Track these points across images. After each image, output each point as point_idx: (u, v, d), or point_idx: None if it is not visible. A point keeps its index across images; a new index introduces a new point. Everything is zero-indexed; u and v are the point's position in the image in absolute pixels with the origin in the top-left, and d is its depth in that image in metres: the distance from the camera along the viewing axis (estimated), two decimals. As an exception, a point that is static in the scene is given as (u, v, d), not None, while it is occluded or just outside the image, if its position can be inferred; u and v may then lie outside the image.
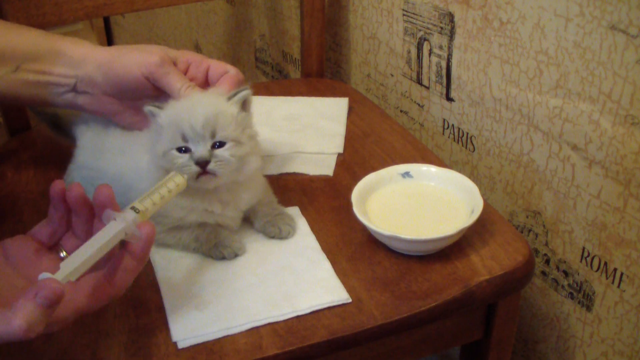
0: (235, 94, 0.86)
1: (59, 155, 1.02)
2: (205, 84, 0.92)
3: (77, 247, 0.67)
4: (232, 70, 0.92)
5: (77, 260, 0.64)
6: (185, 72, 0.92)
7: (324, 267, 0.85)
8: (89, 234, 0.71)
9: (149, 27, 2.39)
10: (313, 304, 0.79)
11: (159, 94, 0.91)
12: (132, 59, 0.91)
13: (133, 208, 0.71)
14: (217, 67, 0.93)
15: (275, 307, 0.79)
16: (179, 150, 0.82)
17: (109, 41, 2.68)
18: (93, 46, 0.95)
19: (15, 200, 1.02)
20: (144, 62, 0.90)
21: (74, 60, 0.93)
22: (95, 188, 0.70)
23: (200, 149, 0.81)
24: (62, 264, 0.64)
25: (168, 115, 0.84)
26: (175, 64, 0.92)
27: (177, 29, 2.19)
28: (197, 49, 2.08)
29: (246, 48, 1.86)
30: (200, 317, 0.78)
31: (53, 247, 0.74)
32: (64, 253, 0.73)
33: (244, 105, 0.87)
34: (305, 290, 0.81)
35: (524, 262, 0.85)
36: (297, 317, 0.79)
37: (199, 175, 0.81)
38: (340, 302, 0.80)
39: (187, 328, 0.77)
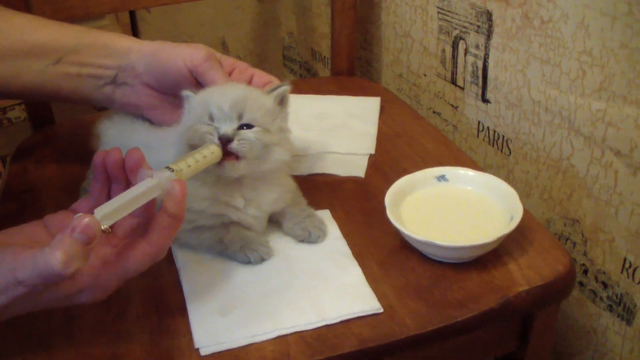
0: (274, 89, 0.86)
1: (82, 150, 1.00)
2: None
3: None
4: (276, 82, 0.91)
5: (112, 205, 0.63)
6: (229, 76, 0.92)
7: (355, 274, 0.81)
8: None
9: (175, 23, 2.36)
10: (342, 313, 0.76)
11: (200, 89, 0.88)
12: (178, 51, 0.91)
13: (167, 167, 0.70)
14: (262, 76, 0.93)
15: (303, 314, 0.76)
16: None
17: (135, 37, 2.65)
18: (139, 39, 0.96)
19: (37, 195, 1.00)
20: (189, 55, 0.89)
21: (118, 51, 0.94)
22: (126, 153, 0.69)
23: (225, 127, 0.80)
24: (96, 210, 0.62)
25: (200, 97, 0.84)
26: (220, 64, 0.91)
27: (204, 25, 2.17)
28: (224, 46, 2.06)
29: (274, 46, 1.83)
30: (224, 323, 0.75)
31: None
32: (104, 226, 0.70)
33: (281, 102, 0.86)
34: (335, 297, 0.78)
35: (565, 273, 0.82)
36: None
37: (221, 161, 0.79)
38: (371, 312, 0.76)
39: (210, 334, 0.74)
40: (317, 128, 1.13)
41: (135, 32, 2.68)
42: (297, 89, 1.26)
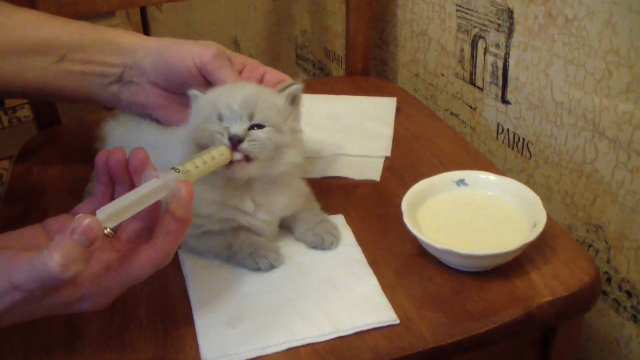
0: (285, 88, 0.83)
1: (87, 151, 0.96)
2: None
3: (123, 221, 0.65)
4: (288, 80, 0.88)
5: (114, 206, 0.60)
6: (239, 74, 0.89)
7: (370, 283, 0.78)
8: None
9: (187, 22, 2.34)
10: (357, 324, 0.72)
11: (208, 89, 0.86)
12: (187, 49, 0.88)
13: (174, 168, 0.67)
14: (274, 75, 0.90)
15: (316, 326, 0.72)
16: None
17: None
18: (145, 36, 0.93)
19: (40, 197, 0.97)
20: (198, 53, 0.86)
21: (124, 48, 0.91)
22: (130, 153, 0.66)
23: (235, 127, 0.76)
24: (98, 211, 0.60)
25: (208, 96, 0.81)
26: (230, 62, 0.88)
27: (216, 24, 2.14)
28: (236, 44, 2.03)
29: (287, 44, 1.80)
30: (233, 335, 0.71)
31: None
32: (108, 230, 0.67)
33: (294, 101, 0.83)
34: (349, 308, 0.74)
35: (590, 283, 0.78)
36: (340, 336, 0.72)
37: (231, 162, 0.76)
38: (387, 323, 0.73)
39: (218, 346, 0.70)
40: (331, 129, 1.10)
41: (146, 31, 2.66)
42: (311, 89, 1.23)
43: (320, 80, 1.44)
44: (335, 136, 1.07)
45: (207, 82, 0.87)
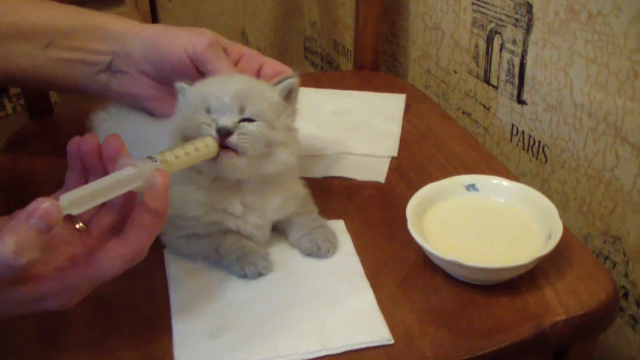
0: (280, 82, 0.77)
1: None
2: None
3: (95, 214, 0.63)
4: (288, 72, 0.83)
5: (80, 192, 0.56)
6: (235, 65, 0.84)
7: (366, 297, 0.72)
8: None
9: (195, 12, 2.29)
10: (347, 342, 0.66)
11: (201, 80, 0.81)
12: (179, 37, 0.83)
13: (150, 157, 0.63)
14: (272, 65, 0.85)
15: (303, 341, 0.66)
16: None
17: (154, 26, 2.60)
18: (137, 22, 0.88)
19: (25, 191, 0.91)
20: (191, 41, 0.81)
21: (114, 34, 0.86)
22: (104, 139, 0.62)
23: (225, 119, 0.71)
24: (62, 195, 0.55)
25: (196, 89, 0.76)
26: (226, 52, 0.83)
27: (224, 14, 2.09)
28: (244, 36, 1.97)
29: (295, 37, 1.74)
30: (211, 346, 0.66)
31: (70, 218, 0.65)
32: (81, 224, 0.64)
33: (289, 96, 0.78)
34: (340, 323, 0.68)
35: (608, 302, 0.72)
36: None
37: (218, 155, 0.71)
38: (379, 343, 0.67)
39: (195, 358, 0.65)
40: (336, 126, 1.04)
41: (154, 20, 2.61)
42: (317, 83, 1.18)
43: (328, 74, 1.39)
44: (340, 134, 1.02)
45: (200, 73, 0.82)
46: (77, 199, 0.55)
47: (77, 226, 0.64)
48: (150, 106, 0.88)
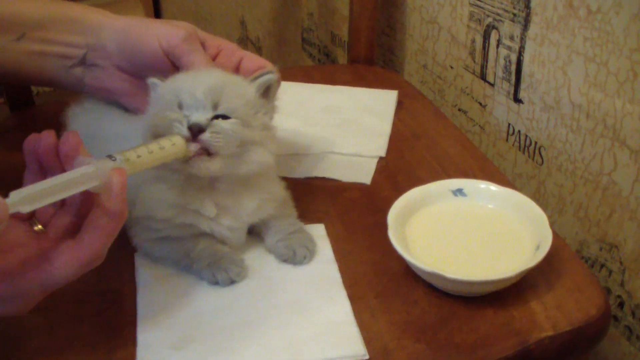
0: (257, 77, 0.74)
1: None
2: None
3: (53, 216, 0.61)
4: (269, 67, 0.79)
5: (31, 189, 0.54)
6: (214, 59, 0.81)
7: (341, 309, 0.68)
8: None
9: (196, 0, 2.25)
10: (319, 357, 0.63)
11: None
12: (154, 29, 0.80)
13: (110, 156, 0.60)
14: (252, 60, 0.81)
15: (273, 355, 0.63)
16: None
17: (157, 14, 2.56)
18: (113, 14, 0.85)
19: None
20: (166, 34, 0.78)
21: (88, 27, 0.83)
22: (61, 137, 0.59)
23: (197, 115, 0.68)
24: (12, 193, 0.53)
25: (168, 84, 0.72)
26: (203, 46, 0.80)
27: (224, 2, 2.05)
28: (243, 25, 1.94)
29: (293, 27, 1.70)
30: (175, 359, 0.63)
31: (28, 219, 0.62)
32: (39, 227, 0.61)
33: (267, 93, 0.74)
34: (313, 337, 0.65)
35: (598, 317, 0.68)
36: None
37: (190, 157, 0.67)
38: (353, 359, 0.63)
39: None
40: (324, 123, 1.00)
41: (157, 9, 2.59)
42: (309, 78, 1.14)
43: (320, 68, 1.35)
44: (327, 131, 0.98)
45: (176, 68, 0.78)
46: (27, 196, 0.53)
47: (35, 228, 0.61)
48: (126, 101, 0.84)
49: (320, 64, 1.60)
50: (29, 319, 0.59)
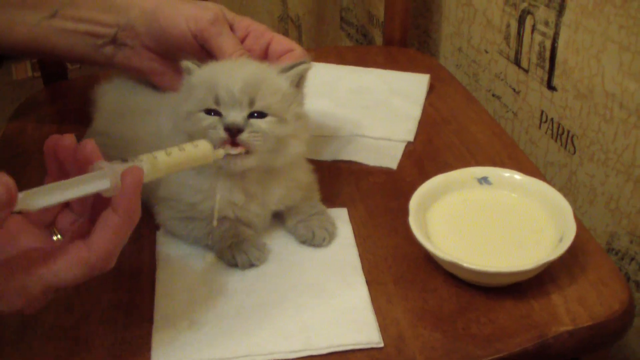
0: (291, 67, 0.72)
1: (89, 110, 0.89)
2: (264, 59, 0.78)
3: (74, 224, 0.59)
4: (297, 50, 0.78)
5: (42, 188, 0.52)
6: (242, 41, 0.79)
7: (359, 294, 0.68)
8: (86, 203, 0.59)
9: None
10: (333, 342, 0.63)
11: (205, 57, 0.76)
12: (182, 11, 0.79)
13: (123, 159, 0.58)
14: (281, 42, 0.80)
15: (287, 339, 0.63)
16: (207, 112, 0.68)
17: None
18: None
19: (26, 161, 0.89)
20: (194, 17, 0.77)
21: (118, 6, 0.83)
22: (80, 143, 0.57)
23: (234, 114, 0.67)
24: (22, 192, 0.51)
25: (204, 73, 0.71)
26: (232, 28, 0.79)
27: (265, -21, 2.04)
28: (284, 2, 1.92)
29: (332, 6, 1.68)
30: (190, 339, 0.63)
31: (48, 227, 0.61)
32: (58, 236, 0.59)
33: (299, 82, 0.73)
34: (328, 322, 0.65)
35: (621, 313, 0.67)
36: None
37: (225, 156, 0.66)
38: (367, 346, 0.63)
39: (171, 350, 0.62)
40: (353, 104, 0.99)
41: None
42: (340, 58, 1.13)
43: (353, 49, 1.33)
44: (355, 113, 0.97)
45: (204, 50, 0.77)
46: (34, 193, 0.52)
47: (55, 238, 0.59)
48: (155, 80, 0.85)
49: (358, 44, 1.58)
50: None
